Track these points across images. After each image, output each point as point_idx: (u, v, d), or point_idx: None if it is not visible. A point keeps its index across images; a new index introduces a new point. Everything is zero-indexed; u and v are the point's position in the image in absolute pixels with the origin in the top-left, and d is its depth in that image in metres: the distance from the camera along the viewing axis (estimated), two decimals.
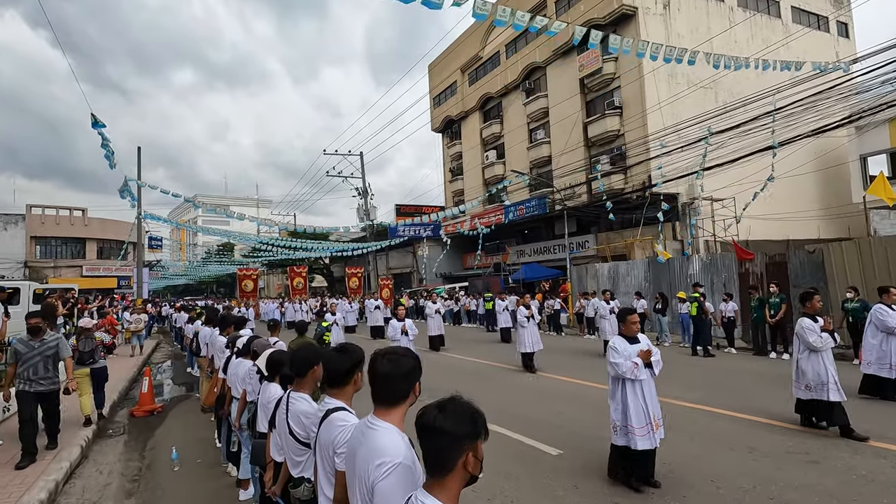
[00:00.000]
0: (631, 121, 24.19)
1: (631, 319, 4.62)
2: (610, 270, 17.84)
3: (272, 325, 6.72)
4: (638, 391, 4.38)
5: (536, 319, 9.18)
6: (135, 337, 15.18)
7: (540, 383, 8.84)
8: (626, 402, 4.38)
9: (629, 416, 4.33)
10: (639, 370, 4.33)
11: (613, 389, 4.52)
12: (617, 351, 4.46)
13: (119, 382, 10.67)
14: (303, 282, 20.08)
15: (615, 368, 4.40)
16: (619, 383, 4.46)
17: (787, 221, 25.87)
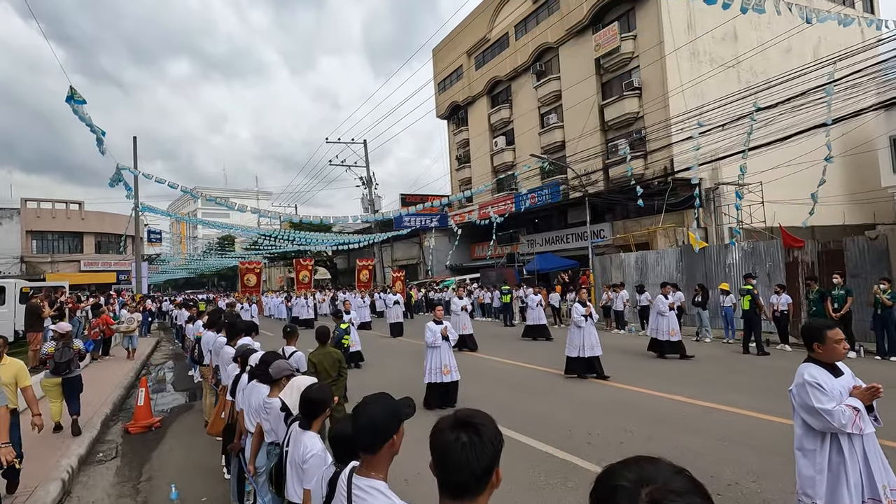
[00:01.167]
0: (651, 103, 22.95)
1: (834, 337, 2.90)
2: (637, 260, 16.75)
3: (289, 332, 5.65)
4: (857, 451, 2.74)
5: (595, 318, 8.05)
6: (127, 339, 13.77)
7: (597, 392, 7.79)
8: (839, 469, 2.73)
9: (843, 491, 2.68)
10: (862, 420, 2.72)
11: (813, 448, 2.85)
12: (822, 389, 2.78)
13: (113, 391, 9.64)
14: (309, 275, 18.97)
15: (825, 419, 2.72)
16: (826, 440, 2.80)
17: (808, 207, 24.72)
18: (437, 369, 6.16)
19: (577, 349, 7.78)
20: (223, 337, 6.71)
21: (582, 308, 7.83)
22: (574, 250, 27.65)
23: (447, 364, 6.24)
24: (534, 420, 6.44)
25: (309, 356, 5.30)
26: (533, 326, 13.70)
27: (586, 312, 7.74)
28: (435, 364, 6.29)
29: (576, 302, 8.15)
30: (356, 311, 17.00)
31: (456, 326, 11.32)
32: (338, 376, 5.36)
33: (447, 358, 6.25)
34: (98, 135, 8.56)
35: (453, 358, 6.53)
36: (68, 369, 6.82)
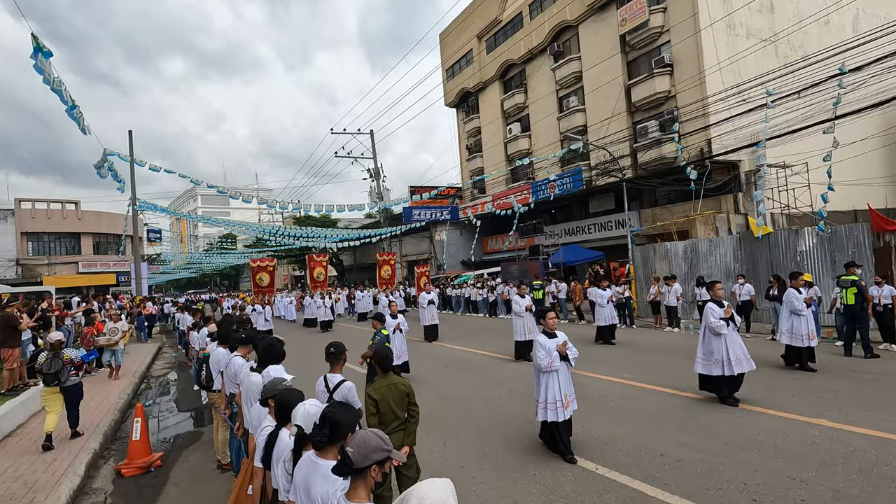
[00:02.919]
0: (685, 81, 21.27)
1: None
2: (687, 250, 15.16)
3: (333, 354, 4.09)
4: None
5: (738, 323, 6.36)
6: (109, 353, 11.33)
7: (732, 420, 6.07)
8: None
9: None
10: None
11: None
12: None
13: (104, 415, 8.09)
14: (324, 272, 17.34)
15: None
16: None
17: (852, 190, 23.13)
18: (554, 402, 4.61)
19: (719, 364, 6.04)
20: (239, 355, 5.18)
21: (718, 309, 6.12)
22: (597, 241, 26.07)
23: (567, 393, 4.66)
24: (682, 466, 4.87)
25: (368, 391, 3.73)
26: (606, 328, 11.82)
27: (726, 315, 6.03)
28: (552, 394, 4.67)
29: (709, 302, 6.36)
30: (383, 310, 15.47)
31: (521, 331, 9.71)
32: (407, 418, 3.80)
33: (566, 385, 4.67)
34: (65, 96, 6.96)
35: (571, 384, 4.94)
36: (57, 380, 6.48)
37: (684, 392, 7.24)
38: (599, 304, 11.71)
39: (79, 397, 6.87)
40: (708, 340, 6.14)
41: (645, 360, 9.79)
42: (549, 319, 4.96)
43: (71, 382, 6.71)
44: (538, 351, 4.79)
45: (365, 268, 49.53)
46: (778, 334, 8.34)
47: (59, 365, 6.56)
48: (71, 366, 6.83)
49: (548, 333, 4.96)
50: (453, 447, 5.74)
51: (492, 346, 12.36)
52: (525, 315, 9.90)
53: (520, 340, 10.09)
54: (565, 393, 4.75)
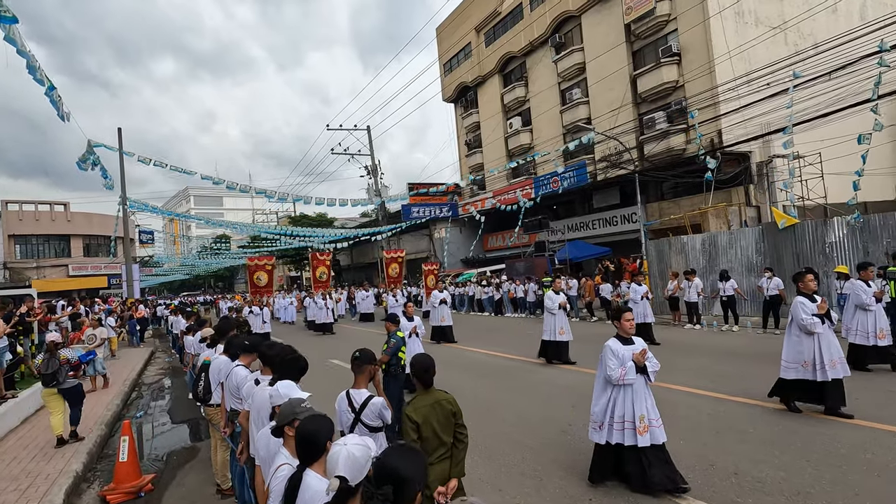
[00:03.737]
0: (694, 70, 20.64)
1: None
2: (705, 243, 14.52)
3: (358, 360, 3.38)
4: None
5: (834, 321, 5.47)
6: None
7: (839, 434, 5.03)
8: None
9: None
10: None
11: None
12: None
13: (86, 434, 7.31)
14: (327, 271, 16.45)
15: None
16: None
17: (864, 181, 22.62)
18: (621, 420, 3.95)
19: (810, 368, 5.19)
20: (242, 365, 4.45)
21: (810, 305, 5.24)
22: (602, 237, 25.47)
23: (644, 414, 3.91)
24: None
25: (407, 411, 3.00)
26: (641, 326, 10.53)
27: (821, 309, 5.19)
28: (620, 411, 4.02)
29: (798, 296, 5.46)
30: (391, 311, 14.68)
31: (551, 330, 8.94)
32: (454, 443, 3.08)
33: (643, 403, 3.94)
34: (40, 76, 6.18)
35: (653, 404, 4.16)
36: (55, 381, 6.44)
37: (734, 397, 6.57)
38: (633, 300, 10.88)
39: (80, 396, 6.76)
40: (796, 341, 5.35)
41: (677, 361, 9.10)
42: (626, 321, 4.16)
43: (69, 384, 6.58)
44: (608, 359, 4.03)
45: (362, 267, 48.72)
46: (843, 331, 7.57)
47: (56, 365, 6.45)
48: (68, 366, 6.72)
49: (622, 338, 4.17)
50: (485, 466, 5.03)
51: (510, 348, 11.62)
52: (558, 313, 9.01)
53: (548, 340, 9.24)
54: (641, 414, 3.93)
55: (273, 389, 3.00)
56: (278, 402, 2.88)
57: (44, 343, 10.92)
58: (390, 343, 5.93)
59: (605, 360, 4.04)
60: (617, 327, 4.27)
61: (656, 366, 4.04)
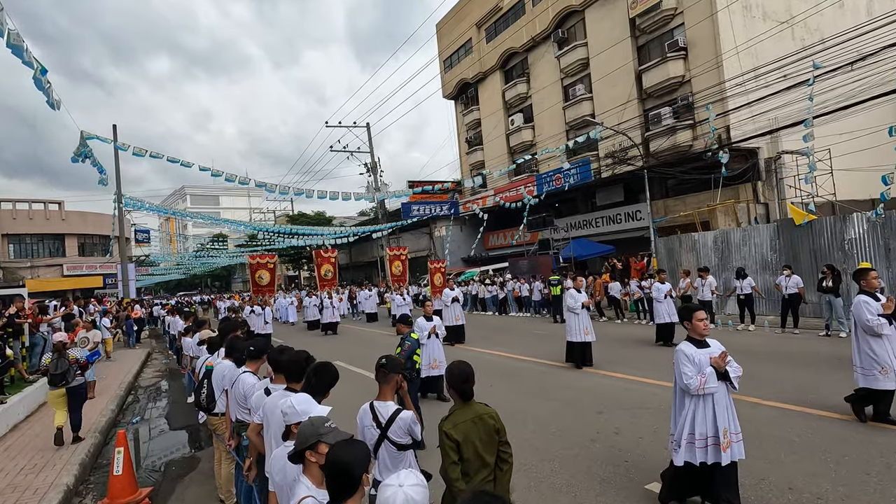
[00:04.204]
0: (701, 65, 20.28)
1: None
2: (717, 240, 14.16)
3: (384, 369, 3.00)
4: None
5: None
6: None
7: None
8: None
9: None
10: None
11: None
12: None
13: (78, 442, 6.89)
14: (333, 270, 15.92)
15: None
16: None
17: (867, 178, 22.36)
18: (703, 437, 3.45)
19: (891, 375, 4.72)
20: (249, 372, 4.05)
21: (875, 304, 4.84)
22: (606, 235, 25.10)
23: (727, 427, 3.45)
24: None
25: (445, 428, 2.61)
26: (666, 326, 10.36)
27: (886, 310, 4.77)
28: (701, 427, 3.47)
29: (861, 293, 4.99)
30: (396, 310, 14.22)
31: (577, 331, 8.49)
32: (498, 464, 2.69)
33: (725, 415, 3.47)
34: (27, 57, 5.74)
35: (734, 415, 3.67)
36: (64, 380, 6.47)
37: (767, 401, 6.20)
38: (657, 299, 10.40)
39: (82, 399, 6.81)
40: (863, 343, 4.90)
41: None
42: (698, 321, 3.59)
43: (76, 383, 6.63)
44: (683, 366, 3.49)
45: (361, 266, 48.29)
46: None
47: (66, 365, 6.49)
48: (77, 365, 6.70)
49: (695, 341, 3.60)
50: (528, 490, 4.49)
51: (522, 349, 11.21)
52: (581, 312, 8.56)
53: (575, 342, 8.69)
54: (724, 427, 3.45)
55: (287, 404, 2.59)
56: (294, 419, 2.48)
57: (34, 346, 10.53)
58: (404, 346, 5.53)
59: (680, 368, 3.51)
60: (688, 329, 3.69)
61: (738, 370, 3.54)
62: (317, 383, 2.96)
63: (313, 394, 2.84)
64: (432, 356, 6.61)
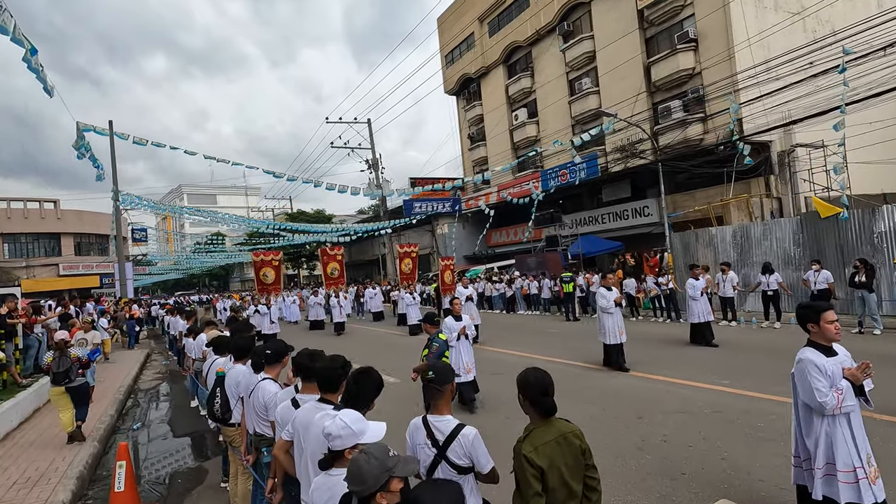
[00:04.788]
0: (712, 57, 19.82)
1: None
2: (736, 234, 13.72)
3: (435, 380, 2.52)
4: None
5: None
6: None
7: None
8: None
9: None
10: None
11: None
12: None
13: (76, 452, 6.40)
14: (339, 267, 15.33)
15: None
16: None
17: (881, 173, 21.98)
18: (849, 467, 2.74)
19: None
20: (269, 379, 3.57)
21: None
22: (612, 231, 24.65)
23: (869, 453, 2.83)
24: None
25: (524, 451, 2.13)
26: (702, 325, 9.62)
27: None
28: (844, 456, 2.71)
29: None
30: (406, 309, 13.70)
31: (612, 332, 7.94)
32: (587, 492, 2.22)
33: (863, 438, 2.88)
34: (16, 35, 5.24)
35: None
36: (67, 378, 6.45)
37: None
38: (693, 297, 9.68)
39: (85, 397, 6.75)
40: None
41: (730, 361, 8.30)
42: (829, 323, 2.87)
43: (78, 382, 6.58)
44: (815, 379, 2.78)
45: (361, 265, 47.75)
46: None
47: (68, 363, 6.44)
48: (78, 364, 6.64)
49: (821, 347, 2.90)
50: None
51: (549, 349, 10.63)
52: (615, 311, 7.97)
53: (612, 344, 8.04)
54: (867, 453, 2.79)
55: (338, 425, 2.09)
56: (350, 442, 2.00)
57: (29, 348, 10.02)
58: (432, 347, 5.05)
59: (810, 381, 2.82)
60: (812, 332, 2.98)
61: (870, 384, 2.88)
62: (359, 393, 2.49)
63: (356, 406, 2.37)
64: (462, 360, 6.07)
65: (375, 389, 2.51)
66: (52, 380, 6.46)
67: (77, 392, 6.55)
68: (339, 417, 2.07)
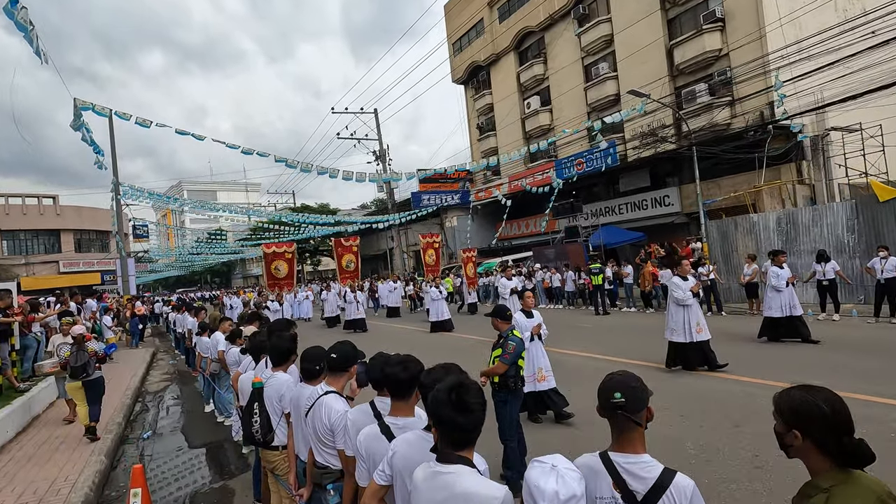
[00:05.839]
0: (740, 38, 18.87)
1: None
2: (781, 221, 12.85)
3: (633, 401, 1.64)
4: None
5: None
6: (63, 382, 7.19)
7: None
8: None
9: None
10: None
11: None
12: None
13: (81, 469, 5.57)
14: (355, 260, 14.31)
15: None
16: None
17: None
18: None
19: None
20: (335, 394, 2.72)
21: None
22: (630, 222, 23.76)
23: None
24: None
25: None
26: (782, 321, 8.45)
27: None
28: None
29: None
30: (431, 304, 12.79)
31: (686, 328, 6.96)
32: None
33: None
34: None
35: None
36: (85, 372, 6.42)
37: None
38: (776, 286, 8.50)
39: (101, 391, 6.71)
40: None
41: (840, 360, 7.45)
42: None
43: (95, 376, 6.56)
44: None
45: (367, 259, 46.88)
46: None
47: (85, 358, 6.42)
48: (95, 358, 6.60)
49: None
50: None
51: (594, 346, 9.69)
52: (693, 303, 7.00)
53: (685, 342, 7.01)
54: None
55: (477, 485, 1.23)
56: None
57: (26, 348, 9.19)
58: (507, 347, 4.19)
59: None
60: None
61: None
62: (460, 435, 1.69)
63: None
64: (537, 364, 5.18)
65: None
66: (70, 374, 6.43)
67: (93, 386, 6.52)
68: (560, 475, 1.23)
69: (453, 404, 1.64)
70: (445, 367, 2.05)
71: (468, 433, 1.67)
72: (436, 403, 1.69)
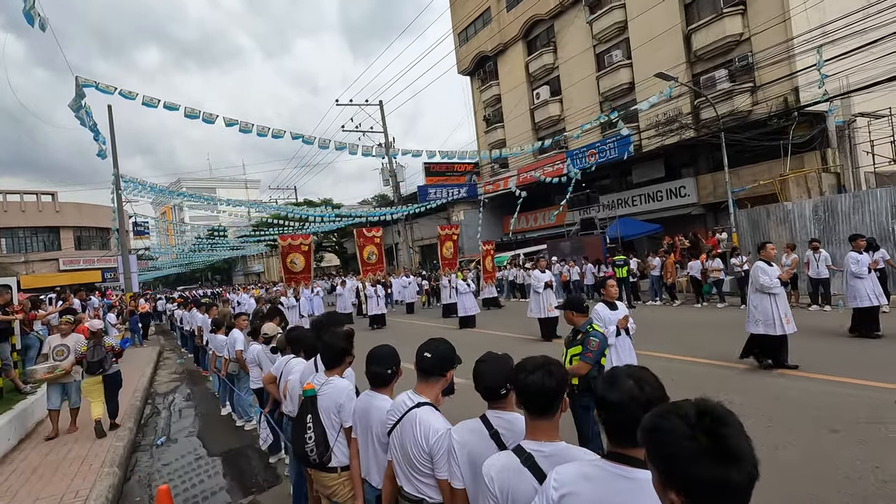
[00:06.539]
0: (761, 22, 18.23)
1: None
2: (818, 209, 12.26)
3: None
4: None
5: None
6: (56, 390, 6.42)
7: None
8: None
9: None
10: None
11: None
12: None
13: (92, 482, 4.99)
14: (377, 252, 13.58)
15: None
16: None
17: None
18: None
19: None
20: (429, 406, 2.12)
21: None
22: (644, 214, 23.18)
23: None
24: None
25: None
26: (869, 311, 7.80)
27: None
28: None
29: None
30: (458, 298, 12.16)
31: (775, 319, 6.12)
32: None
33: None
34: None
35: None
36: (102, 368, 6.43)
37: None
38: (857, 273, 7.78)
39: (118, 386, 6.83)
40: None
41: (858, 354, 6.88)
42: None
43: (113, 370, 6.64)
44: None
45: None
46: None
47: (102, 353, 6.46)
48: (112, 353, 6.64)
49: None
50: None
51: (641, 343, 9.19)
52: (780, 291, 6.25)
53: (769, 335, 6.30)
54: None
55: None
56: None
57: (28, 348, 8.61)
58: (590, 344, 3.61)
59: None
60: None
61: None
62: None
63: None
64: (624, 363, 4.59)
65: None
66: (87, 369, 6.39)
67: (112, 381, 6.61)
68: None
69: (712, 451, 0.92)
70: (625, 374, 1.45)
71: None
72: (674, 449, 0.96)
